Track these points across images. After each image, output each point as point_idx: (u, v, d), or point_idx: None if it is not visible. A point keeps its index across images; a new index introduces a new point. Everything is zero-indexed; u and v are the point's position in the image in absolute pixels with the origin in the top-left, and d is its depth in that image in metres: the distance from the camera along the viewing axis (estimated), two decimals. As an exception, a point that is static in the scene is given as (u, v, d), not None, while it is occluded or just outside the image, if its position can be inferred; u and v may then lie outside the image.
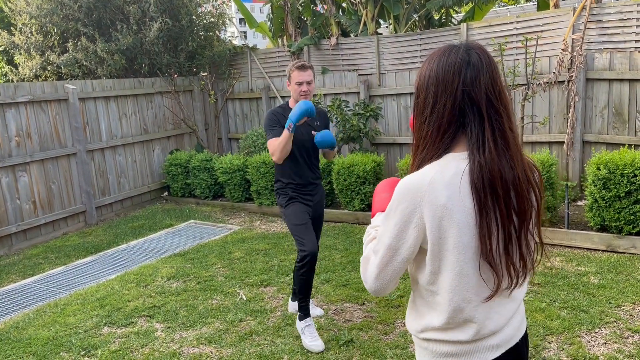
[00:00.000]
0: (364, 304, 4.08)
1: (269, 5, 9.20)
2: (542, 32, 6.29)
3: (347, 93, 7.69)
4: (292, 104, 3.54)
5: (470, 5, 8.50)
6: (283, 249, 5.43)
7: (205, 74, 8.97)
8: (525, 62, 5.79)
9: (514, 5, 14.67)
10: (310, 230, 3.48)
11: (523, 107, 5.88)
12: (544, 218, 5.06)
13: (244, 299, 4.31)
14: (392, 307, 3.98)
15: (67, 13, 7.99)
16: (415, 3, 8.33)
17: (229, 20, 9.58)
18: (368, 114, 7.02)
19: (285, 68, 6.33)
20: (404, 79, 7.22)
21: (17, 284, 5.10)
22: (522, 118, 5.89)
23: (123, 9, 8.03)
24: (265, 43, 29.43)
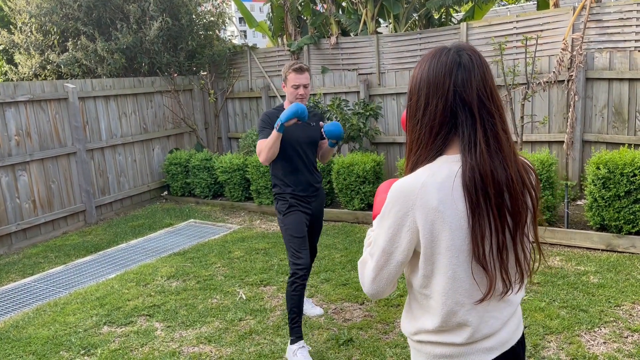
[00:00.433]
0: (364, 303, 4.08)
1: (269, 5, 9.19)
2: (542, 31, 6.29)
3: (347, 92, 7.69)
4: (287, 106, 3.42)
5: (470, 5, 8.50)
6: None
7: (205, 73, 8.97)
8: (525, 61, 5.79)
9: (514, 5, 14.67)
10: (306, 244, 3.38)
11: (523, 106, 5.88)
12: (544, 218, 5.07)
13: (244, 298, 4.32)
14: (391, 306, 3.99)
15: (66, 12, 7.98)
16: (415, 2, 8.32)
17: (229, 20, 9.57)
18: (368, 114, 7.02)
19: (285, 67, 6.30)
20: (404, 78, 7.21)
21: (16, 283, 5.10)
22: (521, 117, 5.89)
23: (123, 8, 8.02)
24: (265, 42, 29.41)
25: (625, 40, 5.77)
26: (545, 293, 3.97)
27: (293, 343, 3.30)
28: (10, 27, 8.77)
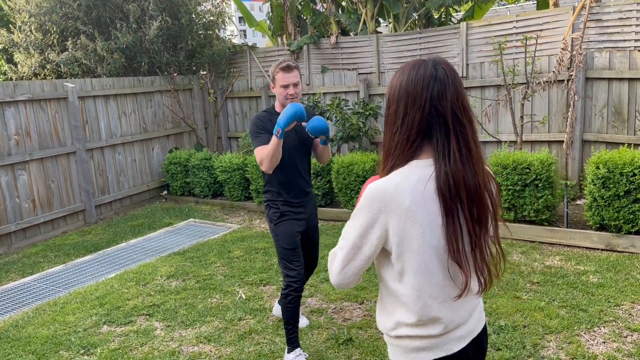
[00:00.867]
0: (363, 303, 4.08)
1: (269, 4, 9.19)
2: (541, 31, 6.28)
3: (346, 92, 7.69)
4: (278, 108, 3.24)
5: (470, 4, 8.50)
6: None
7: (205, 73, 8.97)
8: (525, 61, 5.79)
9: (514, 4, 14.67)
10: (300, 255, 3.23)
11: (522, 106, 5.88)
12: (543, 217, 5.08)
13: (243, 298, 4.32)
14: (391, 306, 3.98)
15: (66, 11, 7.98)
16: (415, 2, 8.32)
17: (229, 19, 9.57)
18: (367, 113, 7.02)
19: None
20: (404, 78, 7.20)
21: (16, 283, 5.10)
22: (521, 117, 5.89)
23: (122, 8, 8.02)
24: (265, 42, 29.43)
25: (625, 40, 5.77)
26: (545, 292, 3.97)
27: (290, 352, 3.26)
28: (10, 26, 8.77)
